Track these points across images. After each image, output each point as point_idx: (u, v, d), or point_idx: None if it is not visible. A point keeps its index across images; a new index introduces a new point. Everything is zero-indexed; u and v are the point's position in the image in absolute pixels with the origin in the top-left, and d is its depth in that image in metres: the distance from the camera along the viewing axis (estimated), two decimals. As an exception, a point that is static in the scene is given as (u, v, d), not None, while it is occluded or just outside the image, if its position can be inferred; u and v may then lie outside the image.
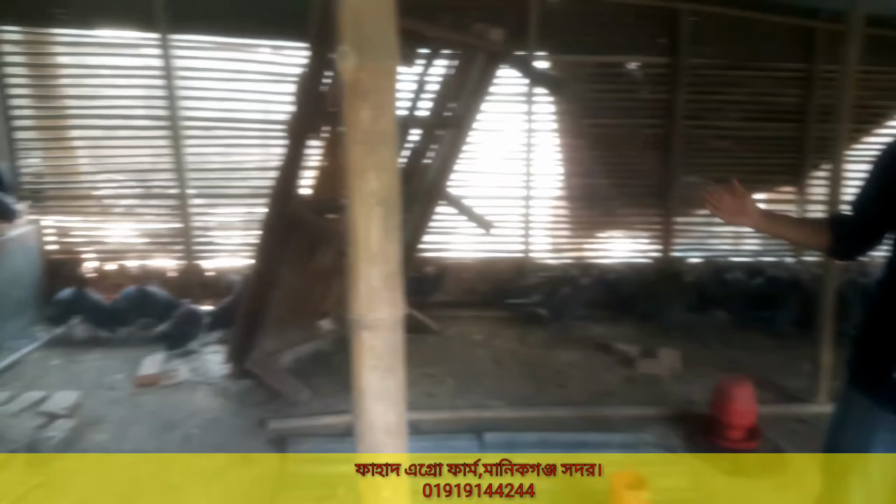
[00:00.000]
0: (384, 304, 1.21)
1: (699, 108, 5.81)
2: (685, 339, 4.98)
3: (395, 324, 1.25)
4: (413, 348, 4.58)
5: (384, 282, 1.19)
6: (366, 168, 1.12)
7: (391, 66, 1.13)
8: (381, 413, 1.27)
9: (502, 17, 4.96)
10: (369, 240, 1.16)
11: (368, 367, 1.25)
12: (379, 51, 1.11)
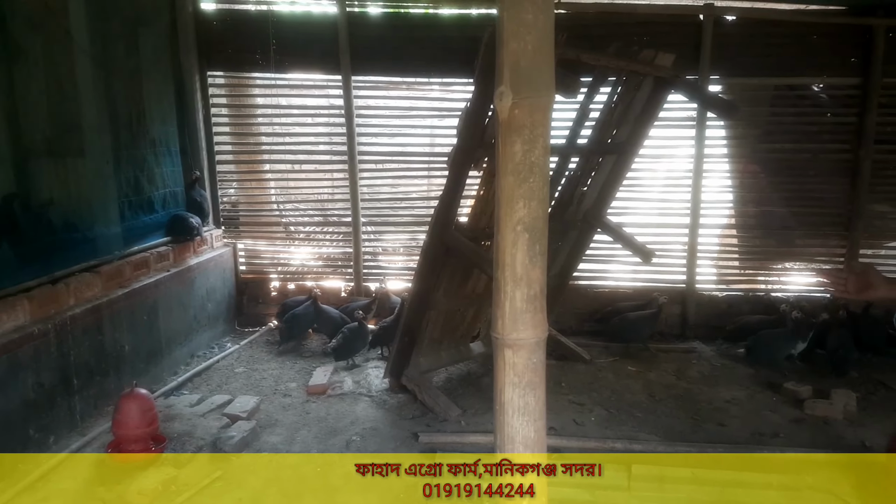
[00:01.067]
0: (527, 325, 1.29)
1: (893, 130, 5.27)
2: (863, 381, 4.59)
3: (538, 344, 1.32)
4: (562, 375, 4.65)
5: (528, 303, 1.28)
6: (515, 197, 1.23)
7: (546, 103, 1.23)
8: (520, 427, 1.34)
9: (674, 42, 4.94)
10: (515, 264, 1.25)
11: (510, 383, 1.33)
12: (534, 89, 1.21)
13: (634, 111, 4.19)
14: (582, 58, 3.46)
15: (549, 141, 1.24)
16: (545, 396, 1.41)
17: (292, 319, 5.11)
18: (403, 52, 5.36)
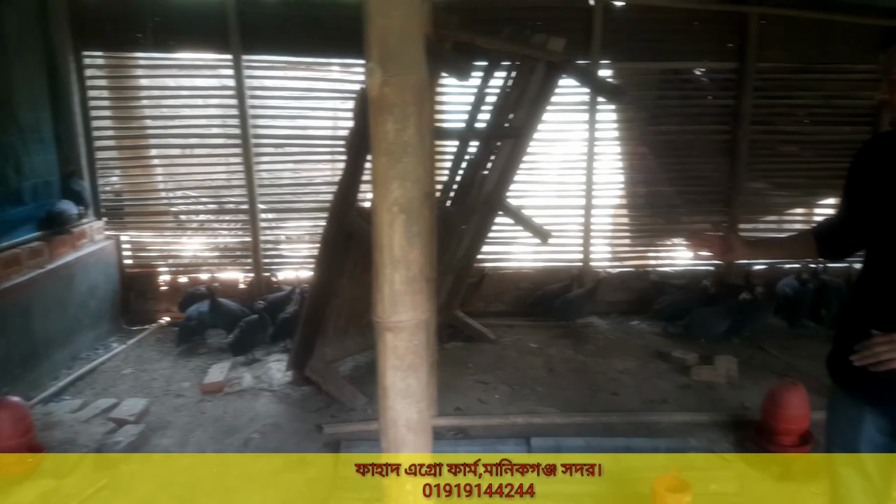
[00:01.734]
0: (406, 307, 1.28)
1: (767, 112, 5.67)
2: (744, 346, 4.93)
3: (418, 325, 1.31)
4: (468, 356, 4.72)
5: (406, 286, 1.27)
6: (389, 178, 1.21)
7: (416, 81, 1.21)
8: (403, 410, 1.33)
9: (566, 27, 5.08)
10: (392, 246, 1.24)
11: (391, 366, 1.32)
12: (404, 67, 1.19)
13: (529, 95, 4.26)
14: (475, 41, 3.47)
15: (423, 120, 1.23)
16: (427, 378, 1.40)
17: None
18: (302, 31, 5.19)
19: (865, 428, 1.82)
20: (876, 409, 1.79)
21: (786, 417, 3.20)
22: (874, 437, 1.82)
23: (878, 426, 1.81)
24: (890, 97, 1.67)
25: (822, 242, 2.02)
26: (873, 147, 1.86)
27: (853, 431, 1.85)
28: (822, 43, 5.48)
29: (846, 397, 1.88)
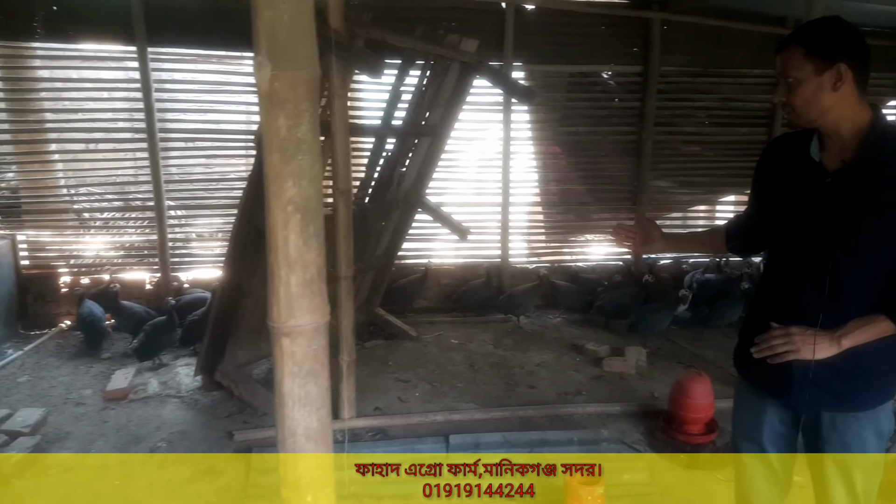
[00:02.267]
0: (304, 311, 1.24)
1: (670, 114, 5.95)
2: (654, 338, 5.13)
3: (316, 329, 1.28)
4: (389, 354, 4.68)
5: (304, 288, 1.23)
6: (283, 176, 1.17)
7: (309, 76, 1.18)
8: (302, 419, 1.29)
9: (479, 28, 5.13)
10: (288, 246, 1.20)
11: (288, 373, 1.28)
12: (295, 61, 1.16)
13: (444, 94, 4.30)
14: (388, 39, 3.46)
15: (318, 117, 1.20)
16: (328, 383, 1.37)
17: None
18: (212, 23, 4.99)
19: (768, 418, 1.90)
20: (777, 401, 1.86)
21: (691, 407, 3.36)
22: (776, 427, 1.90)
23: (780, 417, 1.89)
24: (787, 99, 1.72)
25: (730, 238, 2.10)
26: (774, 147, 1.94)
27: (756, 421, 1.92)
28: (719, 48, 5.81)
29: (750, 388, 1.95)
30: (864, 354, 1.69)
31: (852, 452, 1.75)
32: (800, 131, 1.81)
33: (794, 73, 1.67)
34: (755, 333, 1.82)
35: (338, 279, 3.45)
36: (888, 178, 1.62)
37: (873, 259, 1.66)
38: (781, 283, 1.83)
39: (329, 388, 1.37)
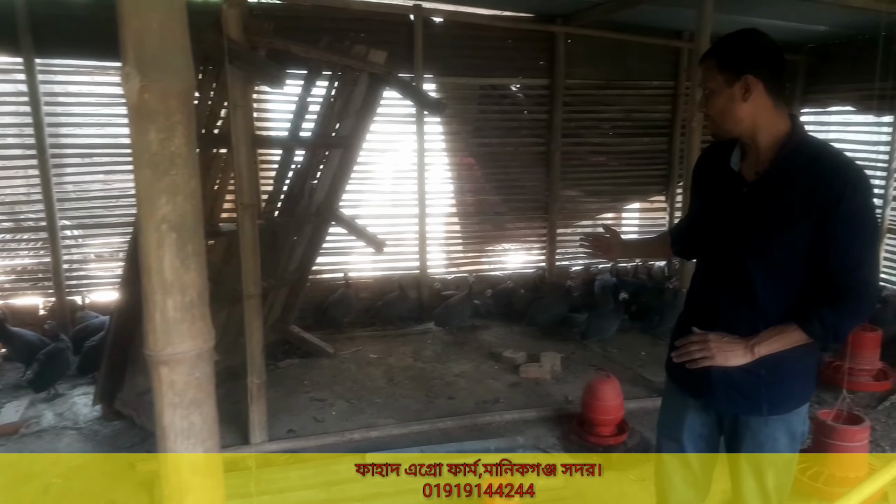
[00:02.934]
0: (183, 337, 1.17)
1: (576, 126, 6.13)
2: (568, 343, 5.24)
3: (199, 356, 1.20)
4: (305, 373, 4.55)
5: (183, 312, 1.16)
6: (156, 192, 1.11)
7: (181, 88, 1.13)
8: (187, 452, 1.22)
9: (390, 40, 5.14)
10: (163, 268, 1.13)
11: (169, 404, 1.20)
12: (165, 72, 1.10)
13: (354, 106, 4.25)
14: (292, 49, 3.39)
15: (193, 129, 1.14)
16: (215, 412, 1.30)
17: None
18: (106, 33, 4.68)
19: (689, 419, 1.94)
20: (698, 402, 1.90)
21: (602, 409, 3.44)
22: (697, 428, 1.94)
23: (701, 419, 1.93)
24: (705, 110, 1.77)
25: (673, 242, 2.15)
26: (706, 155, 1.99)
27: (678, 421, 1.97)
28: (621, 61, 6.05)
29: (674, 389, 2.00)
30: (780, 361, 1.73)
31: (765, 452, 1.81)
32: (729, 140, 1.84)
33: (709, 85, 1.73)
34: (681, 337, 1.87)
35: (245, 297, 3.33)
36: (799, 189, 1.65)
37: (786, 269, 1.70)
38: (704, 289, 1.89)
39: (216, 419, 1.30)
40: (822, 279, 1.66)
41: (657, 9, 5.01)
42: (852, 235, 1.61)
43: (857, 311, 1.66)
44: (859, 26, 5.37)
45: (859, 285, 1.63)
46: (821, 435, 3.05)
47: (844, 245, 1.62)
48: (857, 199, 1.60)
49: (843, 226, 1.60)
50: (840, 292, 1.63)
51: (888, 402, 4.17)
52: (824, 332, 1.64)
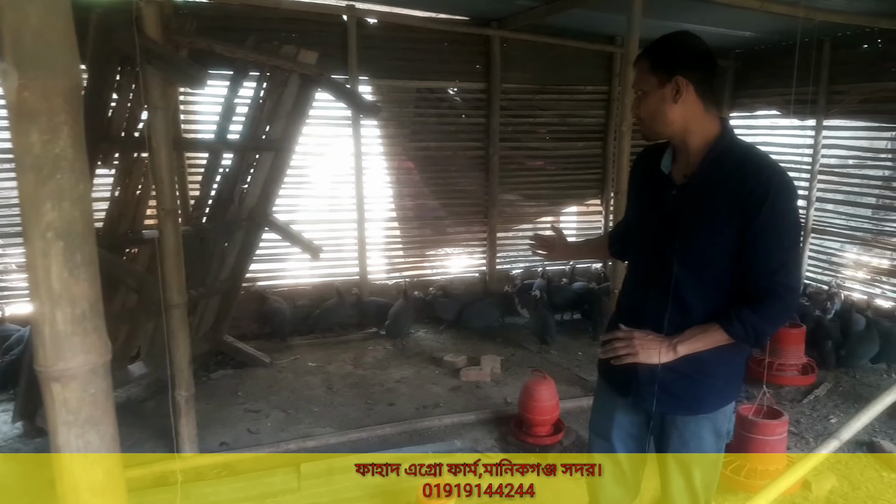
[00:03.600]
0: (75, 351, 1.09)
1: (513, 130, 6.16)
2: (508, 345, 5.27)
3: (93, 371, 1.12)
4: (239, 384, 4.42)
5: (74, 325, 1.08)
6: (40, 198, 1.03)
7: (66, 86, 1.05)
8: (83, 473, 1.14)
9: (323, 41, 5.06)
10: (50, 279, 1.05)
11: (63, 422, 1.12)
12: (48, 69, 1.03)
13: (285, 107, 4.15)
14: (215, 49, 3.28)
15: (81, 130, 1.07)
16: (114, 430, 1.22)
17: None
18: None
19: (618, 418, 1.95)
20: (626, 401, 1.91)
21: (538, 409, 3.45)
22: (627, 427, 1.96)
23: (630, 418, 1.94)
24: (639, 112, 1.77)
25: (611, 244, 2.18)
26: (641, 158, 2.00)
27: (608, 420, 1.98)
28: (556, 66, 6.11)
29: (605, 388, 2.01)
30: (705, 360, 1.75)
31: (691, 450, 1.83)
32: (663, 143, 1.86)
33: (642, 86, 1.73)
34: (609, 331, 1.88)
35: (169, 307, 3.20)
36: (726, 192, 1.66)
37: (712, 270, 1.72)
38: (633, 288, 1.91)
39: (116, 437, 1.21)
40: (746, 281, 1.68)
41: (589, 14, 5.09)
42: (775, 239, 1.64)
43: (777, 313, 1.68)
44: (783, 32, 5.58)
45: (780, 288, 1.65)
46: (742, 429, 3.11)
47: (767, 248, 1.64)
48: (780, 203, 1.62)
49: (767, 229, 1.62)
50: (762, 294, 1.65)
51: (812, 396, 4.34)
52: (745, 332, 1.66)
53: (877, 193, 5.73)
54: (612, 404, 1.97)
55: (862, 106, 5.51)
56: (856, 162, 5.86)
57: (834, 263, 6.05)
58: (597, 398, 2.10)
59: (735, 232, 1.65)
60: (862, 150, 5.86)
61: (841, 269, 5.98)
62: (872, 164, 5.81)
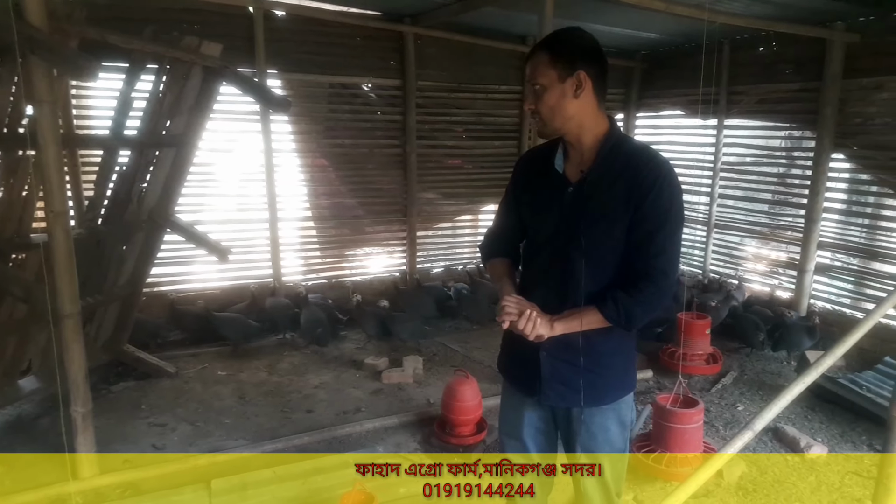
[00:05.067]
0: None
1: (430, 128, 6.13)
2: (430, 346, 5.22)
3: None
4: (142, 396, 4.16)
5: None
6: None
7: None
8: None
9: (228, 32, 4.84)
10: None
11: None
12: None
13: (187, 101, 3.92)
14: (108, 39, 3.03)
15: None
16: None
17: None
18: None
19: (527, 416, 1.95)
20: (532, 399, 1.91)
21: (461, 409, 3.42)
22: (536, 424, 1.96)
23: (538, 415, 1.95)
24: (535, 106, 1.72)
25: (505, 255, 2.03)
26: (525, 161, 1.98)
27: (517, 420, 1.98)
28: (471, 65, 6.12)
29: (511, 388, 2.00)
30: (602, 353, 1.79)
31: (599, 443, 1.86)
32: (548, 143, 1.85)
33: (541, 80, 1.69)
34: (511, 337, 1.85)
35: (61, 317, 2.92)
36: (620, 186, 1.69)
37: (612, 261, 1.74)
38: (531, 285, 1.87)
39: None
40: (625, 264, 1.72)
41: (502, 13, 5.12)
42: (656, 224, 1.68)
43: (650, 298, 1.70)
44: (685, 34, 5.83)
45: (656, 273, 1.69)
46: (660, 419, 3.21)
47: (648, 232, 1.68)
48: (665, 192, 1.67)
49: (650, 214, 1.67)
50: (638, 278, 1.69)
51: (720, 385, 4.54)
52: (617, 314, 1.69)
53: (773, 189, 6.07)
54: (519, 404, 1.97)
55: (759, 106, 5.82)
56: (753, 160, 6.19)
57: (735, 256, 6.38)
58: (505, 400, 2.08)
59: (630, 222, 1.70)
60: (759, 148, 6.19)
61: (742, 262, 6.30)
62: (768, 162, 6.17)
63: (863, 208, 5.41)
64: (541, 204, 1.84)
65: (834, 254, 5.48)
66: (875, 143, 4.96)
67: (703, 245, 6.52)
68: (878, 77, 4.84)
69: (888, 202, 5.16)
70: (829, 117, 5.14)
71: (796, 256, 5.62)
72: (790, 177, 5.86)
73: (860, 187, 5.41)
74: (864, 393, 4.04)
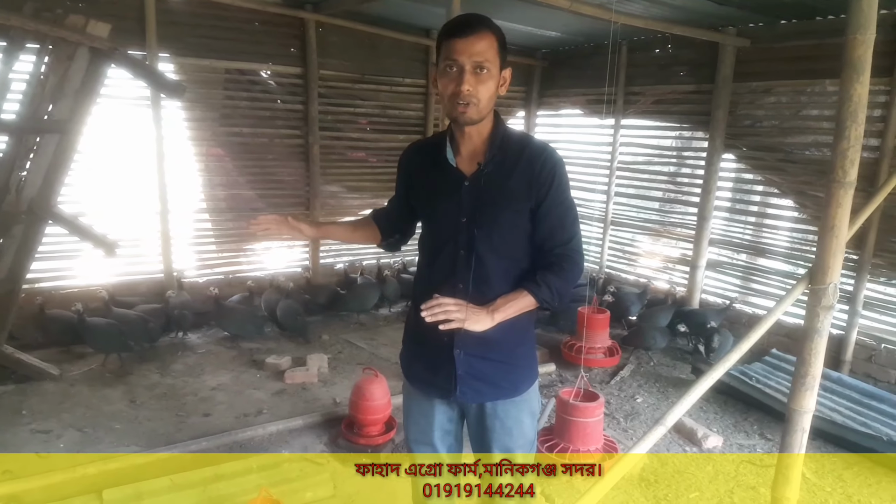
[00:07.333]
0: None
1: (333, 119, 5.99)
2: (333, 342, 5.14)
3: None
4: (23, 401, 3.82)
5: None
6: None
7: None
8: None
9: (118, 12, 4.53)
10: None
11: None
12: None
13: (72, 84, 3.64)
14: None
15: None
16: None
17: None
18: None
19: (437, 419, 1.94)
20: (443, 401, 1.91)
21: (370, 409, 3.37)
22: (445, 425, 1.96)
23: (447, 416, 1.95)
24: (474, 89, 1.63)
25: (385, 236, 2.12)
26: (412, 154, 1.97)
27: (427, 424, 1.96)
28: (375, 56, 6.04)
29: (418, 392, 1.96)
30: (511, 343, 1.82)
31: (514, 437, 1.89)
32: (434, 136, 1.87)
33: (489, 63, 1.63)
34: (415, 335, 1.87)
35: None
36: (518, 175, 1.73)
37: (512, 251, 1.78)
38: (433, 280, 1.84)
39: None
40: (543, 251, 1.79)
41: (406, 4, 5.07)
42: (564, 211, 1.78)
43: (574, 276, 1.80)
44: (586, 34, 5.99)
45: (575, 254, 1.79)
46: (563, 413, 3.30)
47: (560, 219, 1.77)
48: (563, 180, 1.76)
49: (556, 203, 1.75)
50: (560, 260, 1.77)
51: (619, 377, 4.75)
52: (551, 295, 1.76)
53: (664, 188, 6.40)
54: (428, 408, 1.95)
55: (654, 107, 6.09)
56: (646, 159, 6.49)
57: (629, 253, 6.67)
58: (411, 405, 2.03)
59: (530, 210, 1.76)
60: (652, 147, 6.49)
61: (637, 259, 6.57)
62: (660, 161, 6.51)
63: (748, 206, 5.69)
64: (438, 198, 1.83)
65: (721, 250, 5.75)
66: (763, 145, 5.26)
67: (599, 241, 6.78)
68: (767, 81, 5.14)
69: (773, 201, 5.49)
70: (720, 119, 5.44)
71: (689, 253, 5.92)
72: (682, 176, 6.17)
73: (745, 186, 5.72)
74: (755, 384, 4.25)
